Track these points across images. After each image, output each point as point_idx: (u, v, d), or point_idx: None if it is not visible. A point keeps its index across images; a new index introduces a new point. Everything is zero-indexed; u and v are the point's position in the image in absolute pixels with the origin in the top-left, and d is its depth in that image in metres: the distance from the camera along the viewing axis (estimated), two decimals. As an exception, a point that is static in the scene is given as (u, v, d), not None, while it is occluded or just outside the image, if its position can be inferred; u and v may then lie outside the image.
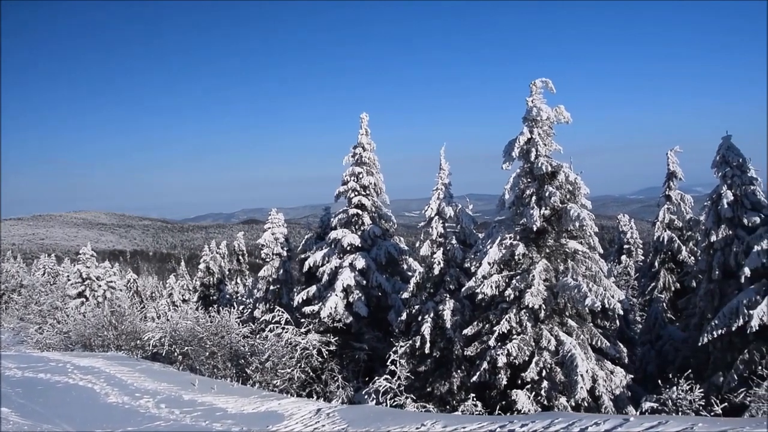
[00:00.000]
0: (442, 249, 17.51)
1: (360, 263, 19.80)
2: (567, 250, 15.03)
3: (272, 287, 25.70)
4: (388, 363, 16.09)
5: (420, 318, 17.33)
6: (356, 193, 20.89)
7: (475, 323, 15.71)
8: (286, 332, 18.28)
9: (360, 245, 20.48)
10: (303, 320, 19.81)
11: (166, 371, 17.09)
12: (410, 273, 20.42)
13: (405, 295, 17.96)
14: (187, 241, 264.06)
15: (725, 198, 15.76)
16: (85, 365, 16.62)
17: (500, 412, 13.82)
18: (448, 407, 16.15)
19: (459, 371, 16.69)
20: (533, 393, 14.37)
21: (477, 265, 15.36)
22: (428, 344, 16.67)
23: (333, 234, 20.59)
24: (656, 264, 24.32)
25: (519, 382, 14.52)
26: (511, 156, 15.21)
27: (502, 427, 9.49)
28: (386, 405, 15.02)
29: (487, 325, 15.41)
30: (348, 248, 20.29)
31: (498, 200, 16.00)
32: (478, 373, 14.97)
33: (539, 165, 14.82)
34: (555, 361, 14.43)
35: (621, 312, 14.63)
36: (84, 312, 25.22)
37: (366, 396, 16.43)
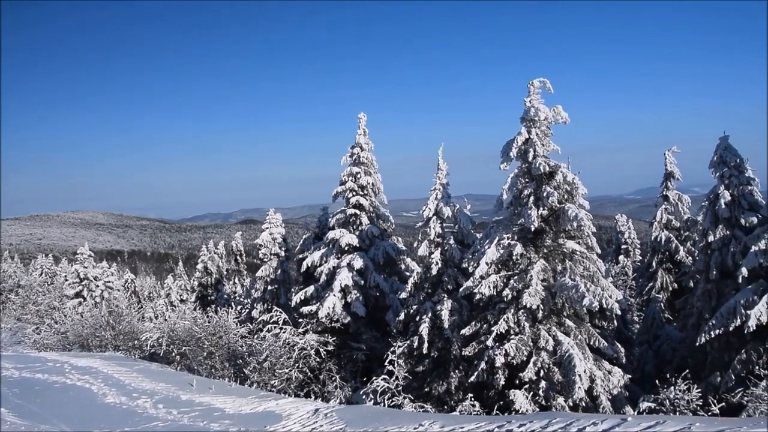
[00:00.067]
0: (440, 249, 17.51)
1: (358, 263, 19.81)
2: (565, 251, 15.05)
3: (270, 287, 25.69)
4: (386, 363, 16.09)
5: (418, 318, 17.34)
6: (354, 193, 20.90)
7: (473, 323, 15.72)
8: (284, 332, 18.26)
9: (358, 245, 20.48)
10: (301, 320, 19.81)
11: (164, 371, 17.06)
12: (408, 273, 20.43)
13: (403, 295, 17.98)
14: (185, 241, 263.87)
15: (723, 198, 15.78)
16: (83, 365, 16.58)
17: (498, 412, 13.82)
18: (446, 407, 16.16)
19: (457, 371, 16.70)
20: (531, 393, 14.38)
21: (475, 265, 15.37)
22: (426, 344, 16.68)
23: (331, 234, 20.60)
24: (654, 264, 24.34)
25: (517, 382, 14.53)
26: (509, 156, 15.22)
27: (500, 427, 9.49)
28: (384, 405, 15.01)
29: (485, 326, 15.42)
30: (346, 248, 20.29)
31: (496, 200, 16.00)
32: (476, 373, 14.98)
33: (537, 165, 14.83)
34: (553, 361, 14.44)
35: (619, 312, 14.65)
36: (81, 312, 25.17)
37: (364, 396, 16.43)
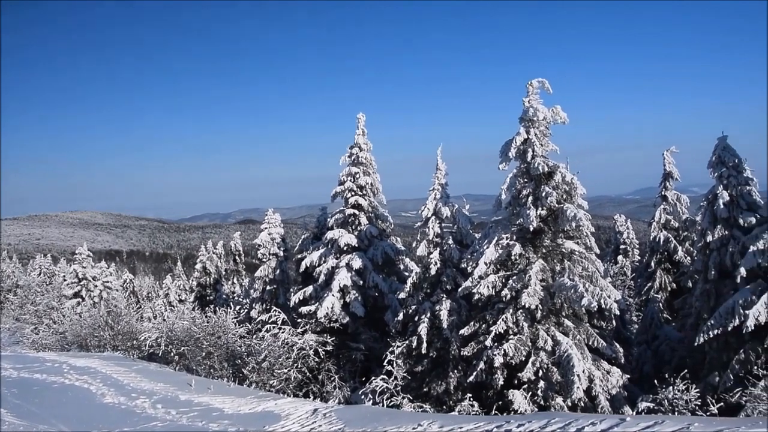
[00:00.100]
0: (439, 249, 17.52)
1: (357, 263, 19.81)
2: (563, 251, 15.06)
3: (269, 287, 25.69)
4: (385, 363, 16.08)
5: (417, 318, 17.34)
6: (353, 194, 20.90)
7: (472, 323, 15.72)
8: (283, 332, 18.25)
9: (357, 245, 20.48)
10: (300, 320, 19.80)
11: (163, 371, 17.05)
12: (407, 273, 20.42)
13: (402, 296, 17.98)
14: (184, 241, 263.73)
15: (721, 198, 15.81)
16: (82, 365, 16.57)
17: (497, 412, 13.82)
18: (445, 407, 16.16)
19: (456, 371, 16.70)
20: (530, 393, 14.39)
21: (474, 266, 15.37)
22: (425, 344, 16.68)
23: (330, 234, 20.59)
24: (652, 264, 24.35)
25: (516, 382, 14.54)
26: (508, 156, 15.24)
27: (499, 427, 9.49)
28: (383, 405, 15.01)
29: (484, 326, 15.43)
30: (345, 248, 20.29)
31: (495, 200, 16.00)
32: (475, 373, 14.98)
33: (536, 165, 14.84)
34: (551, 361, 14.45)
35: (617, 312, 14.67)
36: (80, 312, 25.15)
37: (363, 396, 16.42)
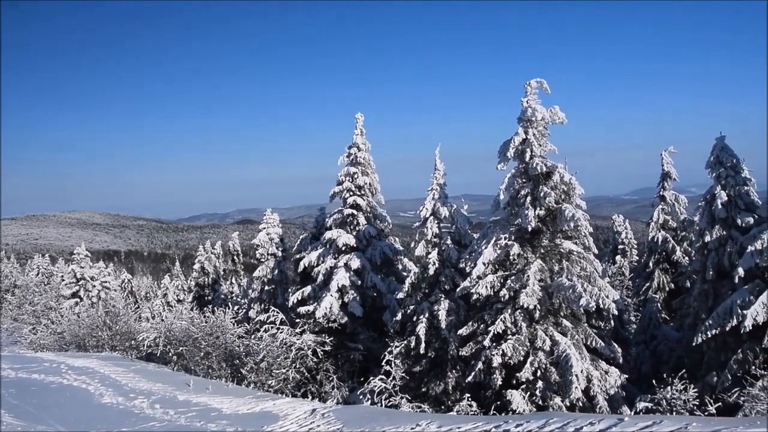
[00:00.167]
0: (437, 249, 17.52)
1: (355, 263, 19.81)
2: (562, 251, 15.07)
3: (267, 287, 25.66)
4: (383, 363, 16.10)
5: (415, 318, 17.34)
6: (351, 194, 20.90)
7: (470, 323, 15.73)
8: (281, 332, 18.25)
9: (355, 245, 20.48)
10: (298, 320, 19.79)
11: (161, 372, 17.04)
12: (405, 273, 20.42)
13: (400, 296, 17.97)
14: (182, 241, 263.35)
15: (719, 198, 15.84)
16: (80, 366, 16.56)
17: (495, 413, 13.83)
18: (443, 407, 16.16)
19: (454, 371, 16.70)
20: (528, 393, 14.40)
21: (472, 266, 15.37)
22: (423, 344, 16.68)
23: (328, 234, 20.58)
24: (651, 264, 24.38)
25: (514, 383, 14.55)
26: (506, 156, 15.24)
27: (497, 428, 9.50)
28: (381, 405, 15.02)
29: (482, 326, 15.43)
30: (343, 248, 20.28)
31: (493, 200, 16.01)
32: (473, 374, 14.99)
33: (534, 165, 14.84)
34: (550, 362, 14.46)
35: (615, 312, 14.68)
36: (78, 312, 25.08)
37: (361, 396, 16.42)
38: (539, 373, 14.47)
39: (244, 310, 24.78)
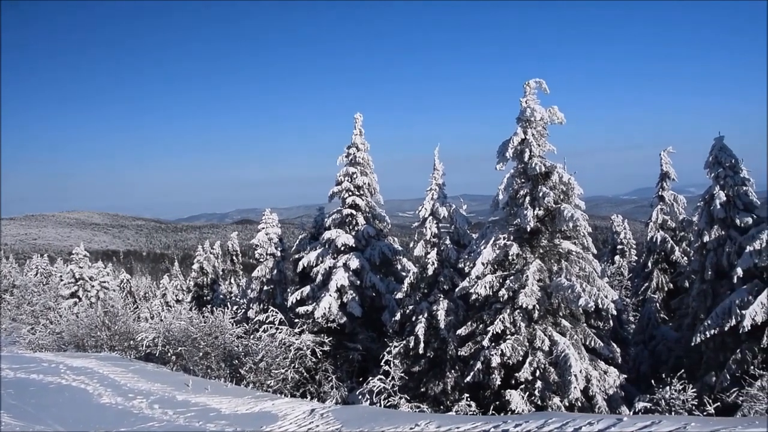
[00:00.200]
0: (436, 249, 17.51)
1: (354, 263, 19.80)
2: (561, 251, 15.08)
3: (266, 287, 25.66)
4: (382, 363, 16.09)
5: (414, 318, 17.34)
6: (350, 194, 20.89)
7: (469, 323, 15.73)
8: (280, 332, 18.24)
9: (354, 245, 20.47)
10: (297, 320, 19.78)
11: (160, 372, 17.04)
12: (404, 273, 20.43)
13: (399, 296, 17.97)
14: (181, 241, 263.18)
15: (718, 199, 15.85)
16: (78, 366, 16.55)
17: (494, 412, 13.85)
18: (442, 407, 16.16)
19: (453, 371, 16.70)
20: (527, 393, 14.40)
21: (471, 266, 15.38)
22: (422, 344, 16.68)
23: (327, 234, 20.58)
24: (649, 264, 24.40)
25: (513, 382, 14.55)
26: (505, 156, 15.25)
27: (496, 427, 9.50)
28: (380, 405, 15.02)
29: (481, 326, 15.43)
30: (342, 248, 20.28)
31: (492, 201, 16.01)
32: (472, 374, 14.99)
33: (533, 165, 14.85)
34: (549, 361, 14.47)
35: (614, 312, 14.68)
36: (77, 312, 25.08)
37: (360, 396, 16.42)
38: (538, 373, 14.47)
39: (243, 310, 24.75)
